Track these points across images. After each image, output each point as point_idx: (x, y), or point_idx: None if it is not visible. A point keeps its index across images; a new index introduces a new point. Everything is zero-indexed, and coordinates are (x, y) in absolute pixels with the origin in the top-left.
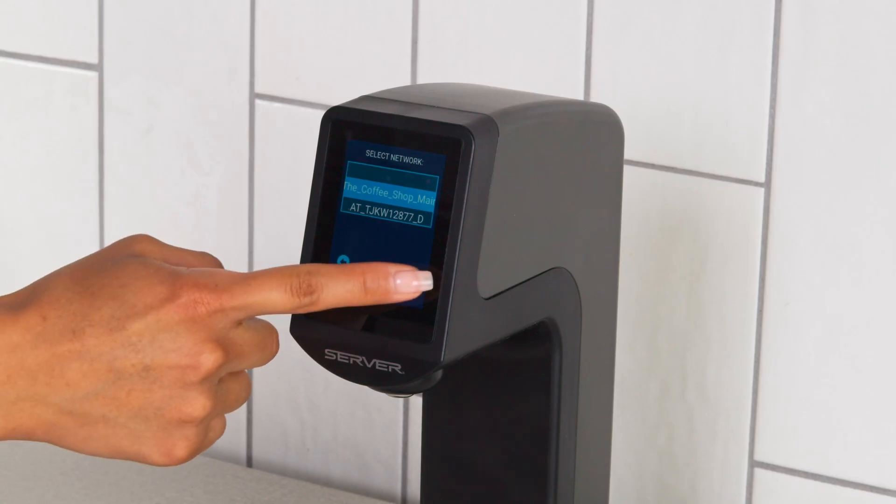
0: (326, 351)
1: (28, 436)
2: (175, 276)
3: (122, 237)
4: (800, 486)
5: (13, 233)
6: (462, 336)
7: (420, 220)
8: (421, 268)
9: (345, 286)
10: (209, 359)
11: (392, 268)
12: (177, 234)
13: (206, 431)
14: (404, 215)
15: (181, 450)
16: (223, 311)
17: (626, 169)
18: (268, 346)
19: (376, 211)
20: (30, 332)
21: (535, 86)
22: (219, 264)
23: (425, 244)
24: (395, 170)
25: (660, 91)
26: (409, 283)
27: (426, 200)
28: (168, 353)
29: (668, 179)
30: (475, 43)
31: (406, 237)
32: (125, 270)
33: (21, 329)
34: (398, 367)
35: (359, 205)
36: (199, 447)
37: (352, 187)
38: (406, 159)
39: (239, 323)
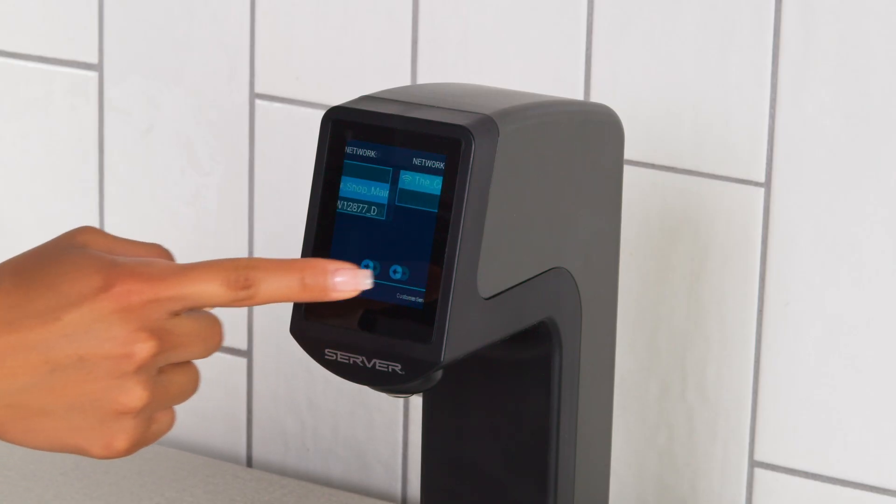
0: (326, 351)
1: None
2: (111, 265)
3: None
4: (800, 486)
5: (13, 233)
6: (462, 336)
7: (420, 220)
8: (421, 267)
9: (282, 281)
10: (143, 348)
11: (331, 265)
12: (177, 233)
13: (149, 423)
14: (404, 215)
15: (121, 442)
16: (158, 301)
17: (626, 169)
18: (209, 338)
19: (376, 211)
20: None
21: (535, 86)
22: (169, 256)
23: (425, 244)
24: (394, 170)
25: (660, 91)
26: (349, 281)
27: (426, 200)
28: (102, 343)
29: (668, 179)
30: (475, 43)
31: (406, 237)
32: (64, 261)
33: None
34: (398, 367)
35: (358, 205)
36: (141, 439)
37: (351, 187)
38: (406, 159)
39: (176, 313)
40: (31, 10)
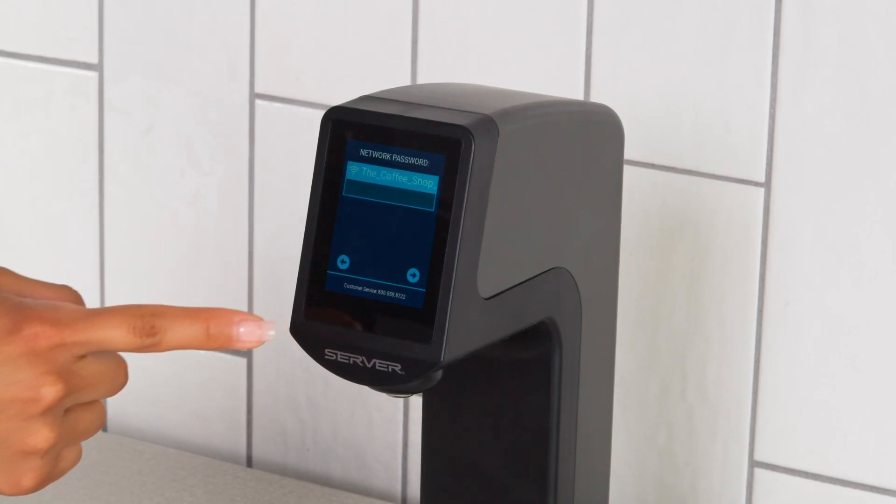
0: (326, 351)
1: None
2: (18, 308)
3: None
4: (800, 486)
5: (13, 233)
6: (462, 336)
7: (420, 220)
8: (421, 267)
9: (188, 330)
10: (49, 391)
11: (236, 316)
12: (177, 234)
13: (56, 461)
14: (404, 215)
15: (28, 480)
16: (64, 346)
17: (626, 169)
18: (115, 378)
19: (376, 211)
20: None
21: (535, 86)
22: (78, 298)
23: (425, 244)
24: (394, 170)
25: (660, 91)
26: (253, 331)
27: (426, 200)
28: (10, 386)
29: (668, 179)
30: (475, 43)
31: (406, 237)
32: None
33: None
34: (398, 367)
35: (359, 204)
36: (48, 477)
37: (352, 187)
38: (406, 159)
39: (82, 356)
40: (31, 10)
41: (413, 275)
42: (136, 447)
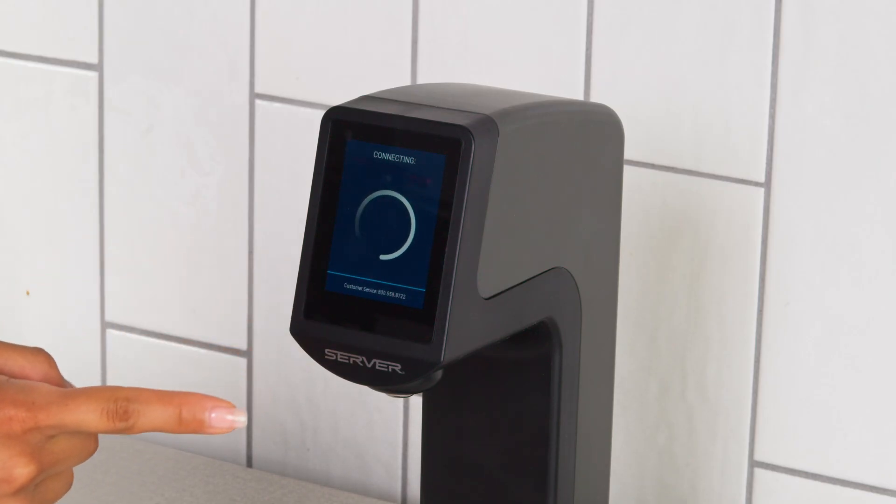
0: (326, 351)
1: None
2: None
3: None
4: (800, 486)
5: (13, 233)
6: (462, 336)
7: (420, 220)
8: (421, 267)
9: (160, 414)
10: (23, 472)
11: (209, 402)
12: (177, 234)
13: None
14: (404, 215)
15: None
16: (38, 429)
17: (626, 169)
18: (85, 449)
19: (376, 211)
20: None
21: (535, 86)
22: (50, 361)
23: (425, 244)
24: (394, 170)
25: (660, 91)
26: (224, 417)
27: (426, 200)
28: None
29: (668, 179)
30: (475, 43)
31: (406, 237)
32: None
33: None
34: (398, 367)
35: (359, 205)
36: None
37: (351, 187)
38: (406, 159)
39: (54, 436)
40: (31, 10)
41: (413, 275)
42: (136, 447)
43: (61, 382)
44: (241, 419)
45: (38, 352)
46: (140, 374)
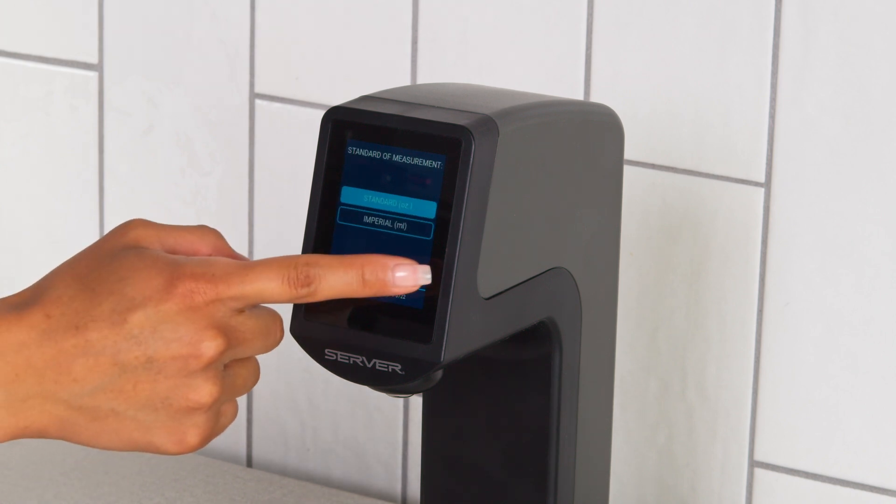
0: (326, 351)
1: (41, 433)
2: (172, 266)
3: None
4: (800, 486)
5: (13, 233)
6: (462, 336)
7: (420, 220)
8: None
9: (343, 278)
10: (210, 346)
11: (391, 261)
12: None
13: (217, 417)
14: (404, 215)
15: (193, 437)
16: (220, 301)
17: (626, 169)
18: (271, 333)
19: (376, 210)
20: (35, 330)
21: (535, 86)
22: (218, 234)
23: (425, 244)
24: (394, 170)
25: (660, 91)
26: (409, 276)
27: (426, 200)
28: (170, 344)
29: (668, 179)
30: (475, 43)
31: (405, 237)
32: (123, 264)
33: (26, 328)
34: (398, 367)
35: (358, 204)
36: (212, 433)
37: (351, 187)
38: (406, 159)
39: (240, 311)
40: (31, 10)
41: None
42: None
43: (234, 254)
44: (426, 276)
45: (205, 227)
46: None
